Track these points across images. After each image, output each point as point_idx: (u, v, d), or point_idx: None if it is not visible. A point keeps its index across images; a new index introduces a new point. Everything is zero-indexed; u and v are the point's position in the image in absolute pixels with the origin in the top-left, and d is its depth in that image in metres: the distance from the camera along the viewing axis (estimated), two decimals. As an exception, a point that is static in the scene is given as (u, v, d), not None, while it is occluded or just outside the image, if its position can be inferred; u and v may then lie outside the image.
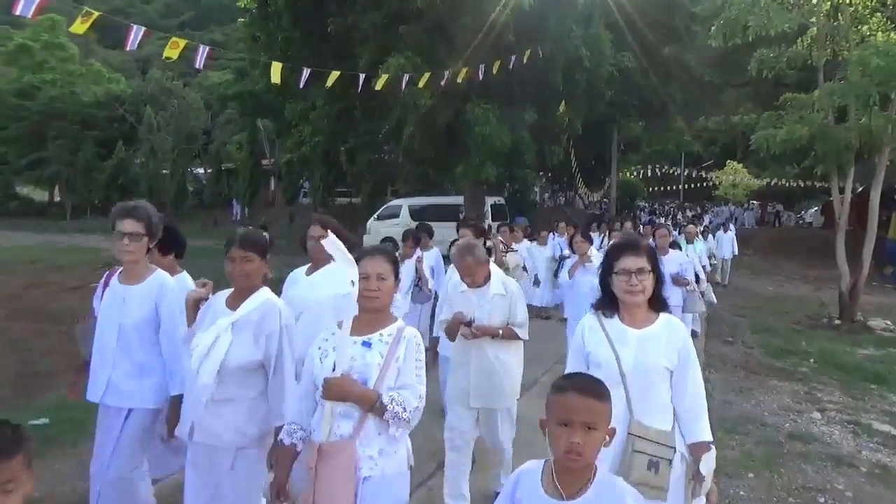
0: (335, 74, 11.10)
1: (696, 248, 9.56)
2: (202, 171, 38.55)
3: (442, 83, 12.79)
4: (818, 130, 10.13)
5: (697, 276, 7.60)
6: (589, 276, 5.80)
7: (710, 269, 10.99)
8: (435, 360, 4.75)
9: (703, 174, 39.43)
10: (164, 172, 34.53)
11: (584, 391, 1.67)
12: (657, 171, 38.59)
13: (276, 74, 10.13)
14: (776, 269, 19.64)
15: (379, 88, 12.07)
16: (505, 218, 17.50)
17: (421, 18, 14.41)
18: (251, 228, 2.97)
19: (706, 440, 2.37)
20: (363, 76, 11.90)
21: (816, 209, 34.40)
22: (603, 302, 2.53)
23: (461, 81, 12.91)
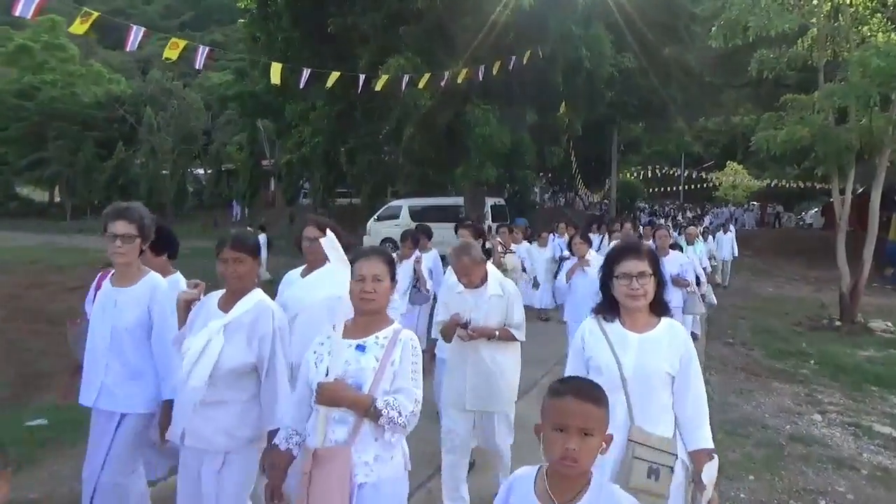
0: (335, 75, 11.11)
1: (696, 249, 9.53)
2: (202, 171, 38.57)
3: (442, 84, 12.79)
4: (819, 131, 10.12)
5: (698, 277, 7.57)
6: (586, 280, 5.79)
7: (710, 270, 10.95)
8: (432, 362, 4.71)
9: (703, 175, 39.42)
10: (164, 173, 34.58)
11: (581, 395, 1.61)
12: (657, 172, 38.59)
13: (275, 75, 10.14)
14: (776, 270, 19.61)
15: (379, 89, 12.08)
16: (505, 219, 17.47)
17: (421, 19, 14.42)
18: (243, 229, 2.93)
19: (707, 448, 2.34)
20: (363, 77, 11.91)
21: (816, 210, 34.39)
22: (603, 306, 2.49)
23: (461, 82, 12.91)
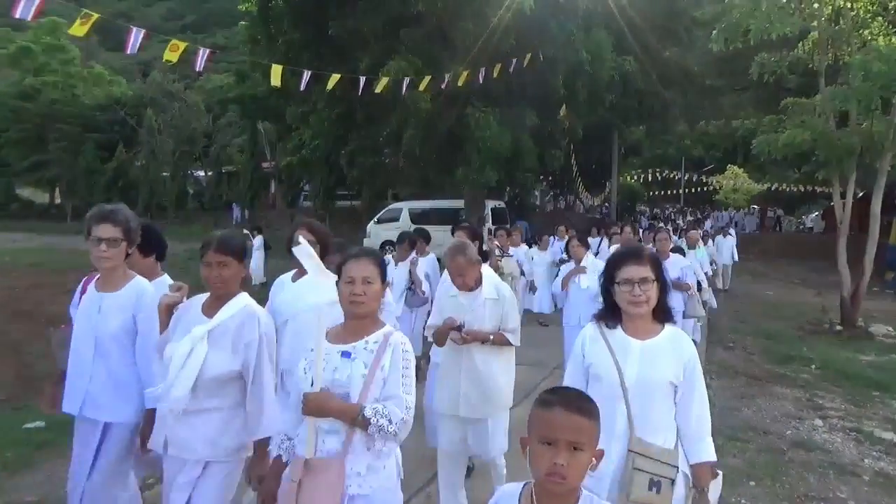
0: (336, 77, 11.12)
1: (698, 254, 9.48)
2: (203, 173, 38.54)
3: (442, 86, 12.80)
4: (820, 135, 10.12)
5: (700, 282, 7.53)
6: (582, 291, 5.77)
7: (710, 274, 10.92)
8: (427, 365, 4.65)
9: (703, 179, 39.36)
10: (164, 175, 34.59)
11: (570, 407, 1.51)
12: (658, 175, 38.54)
13: (276, 77, 10.16)
14: (777, 274, 19.58)
15: (379, 91, 12.09)
16: (505, 222, 17.45)
17: (421, 22, 14.43)
18: (229, 231, 2.85)
19: (710, 461, 2.31)
20: (364, 79, 11.92)
21: (817, 214, 34.35)
22: (605, 312, 2.42)
23: (462, 85, 12.91)
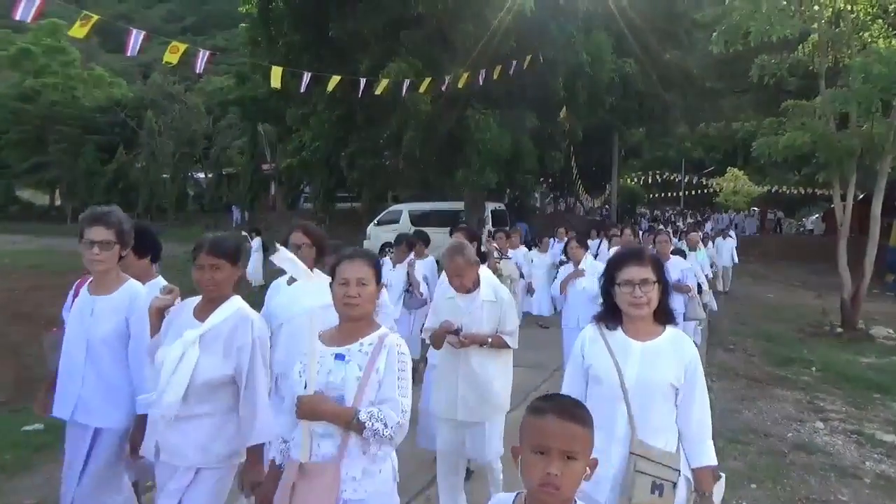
0: (336, 79, 11.12)
1: (698, 256, 9.46)
2: (203, 175, 38.60)
3: (443, 88, 12.80)
4: (820, 137, 10.11)
5: (700, 284, 7.51)
6: (581, 293, 5.76)
7: (711, 276, 10.90)
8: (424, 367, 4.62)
9: (704, 181, 39.38)
10: (164, 177, 34.64)
11: (564, 414, 1.47)
12: (658, 177, 38.56)
13: (276, 79, 10.16)
14: (777, 276, 19.56)
15: (380, 93, 12.08)
16: (505, 224, 17.42)
17: (422, 24, 14.44)
18: (222, 233, 2.81)
19: (711, 465, 2.29)
20: (364, 81, 11.92)
21: (817, 216, 34.38)
22: (605, 313, 2.39)
23: (462, 87, 12.91)
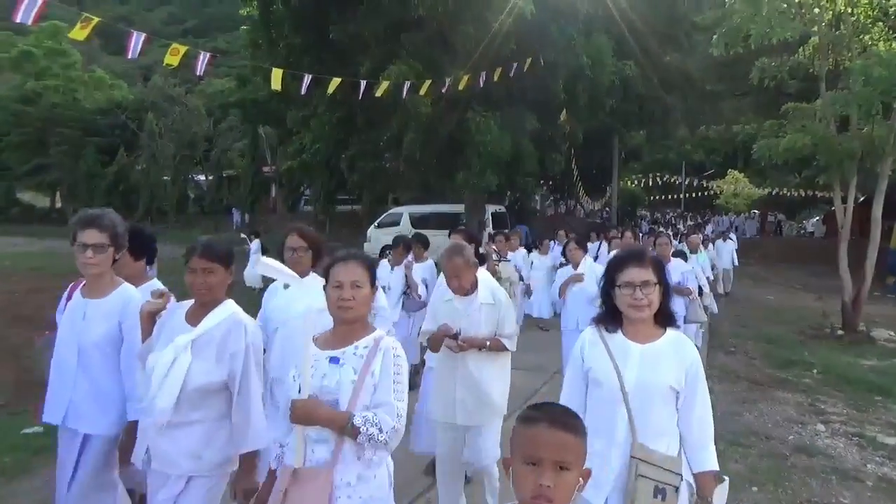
0: (336, 81, 11.12)
1: (699, 258, 9.45)
2: (203, 177, 38.65)
3: (443, 91, 12.80)
4: (820, 140, 10.10)
5: (701, 287, 7.49)
6: (580, 295, 5.76)
7: (711, 278, 10.88)
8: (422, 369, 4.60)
9: (704, 183, 39.41)
10: (165, 179, 34.67)
11: (555, 423, 1.42)
12: (658, 180, 38.56)
13: (276, 81, 10.16)
14: (778, 278, 19.56)
15: (380, 95, 12.08)
16: (506, 226, 17.43)
17: (422, 26, 14.45)
18: (215, 237, 2.80)
19: (713, 470, 2.27)
20: (364, 83, 11.91)
21: (818, 218, 34.40)
22: (605, 316, 2.37)
23: (462, 89, 12.92)
